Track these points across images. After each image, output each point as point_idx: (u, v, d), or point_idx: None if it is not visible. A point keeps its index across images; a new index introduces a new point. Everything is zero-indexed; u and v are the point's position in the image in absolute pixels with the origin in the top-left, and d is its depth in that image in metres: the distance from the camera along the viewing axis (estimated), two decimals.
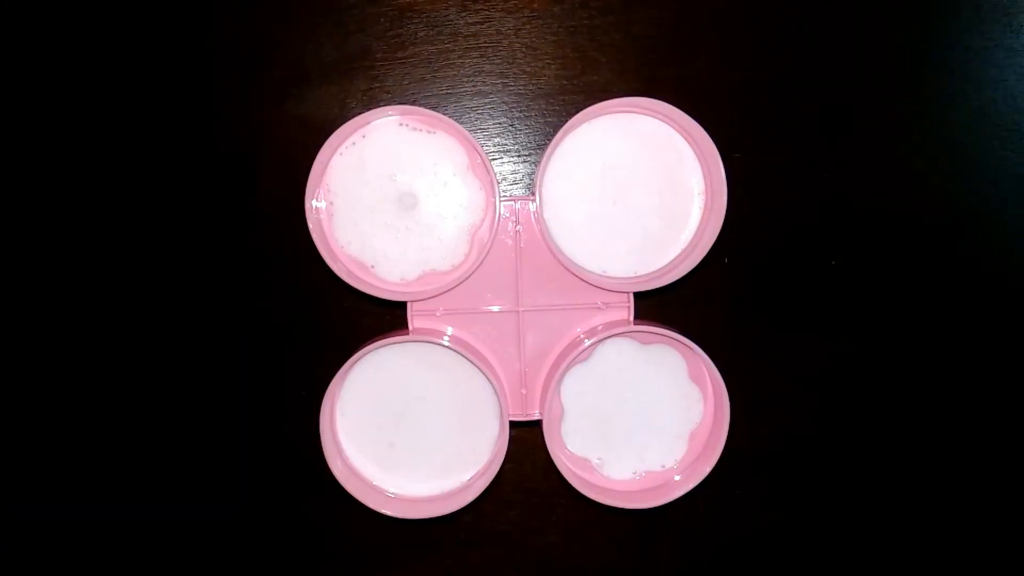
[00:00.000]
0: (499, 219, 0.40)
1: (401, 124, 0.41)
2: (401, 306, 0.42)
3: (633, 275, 0.43)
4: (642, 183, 0.42)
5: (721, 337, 0.47)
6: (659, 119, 0.42)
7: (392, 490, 0.44)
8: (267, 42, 0.47)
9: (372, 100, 0.47)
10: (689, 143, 0.42)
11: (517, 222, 0.42)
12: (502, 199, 0.41)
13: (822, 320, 0.49)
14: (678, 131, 0.42)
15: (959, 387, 0.50)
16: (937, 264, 0.49)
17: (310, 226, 0.39)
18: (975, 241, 0.49)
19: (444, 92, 0.48)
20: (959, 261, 0.49)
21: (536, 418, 0.44)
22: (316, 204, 0.40)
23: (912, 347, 0.49)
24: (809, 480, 0.50)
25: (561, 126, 0.41)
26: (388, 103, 0.47)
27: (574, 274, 0.42)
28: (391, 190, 0.41)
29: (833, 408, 0.50)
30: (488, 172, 0.40)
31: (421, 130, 0.41)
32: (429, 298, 0.42)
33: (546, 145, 0.48)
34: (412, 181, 0.41)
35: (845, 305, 0.49)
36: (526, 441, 0.47)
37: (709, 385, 0.44)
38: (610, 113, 0.42)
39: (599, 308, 0.43)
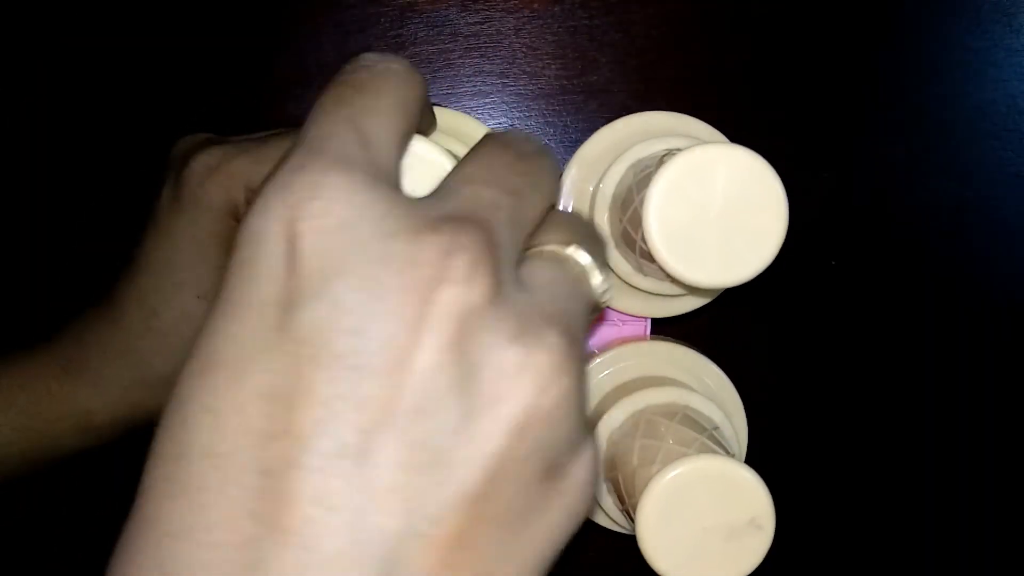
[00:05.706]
0: None
1: None
2: None
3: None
4: None
5: (721, 337, 0.47)
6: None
7: None
8: (267, 42, 0.47)
9: None
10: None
11: None
12: None
13: (821, 320, 0.49)
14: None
15: (961, 386, 0.50)
16: (937, 264, 0.49)
17: None
18: (974, 241, 0.49)
19: (444, 92, 0.47)
20: (959, 261, 0.49)
21: None
22: None
23: (913, 346, 0.49)
24: (811, 481, 0.50)
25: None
26: None
27: None
28: None
29: (834, 408, 0.50)
30: None
31: None
32: None
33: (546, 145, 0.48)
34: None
35: (845, 305, 0.49)
36: None
37: None
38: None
39: (616, 325, 0.43)
